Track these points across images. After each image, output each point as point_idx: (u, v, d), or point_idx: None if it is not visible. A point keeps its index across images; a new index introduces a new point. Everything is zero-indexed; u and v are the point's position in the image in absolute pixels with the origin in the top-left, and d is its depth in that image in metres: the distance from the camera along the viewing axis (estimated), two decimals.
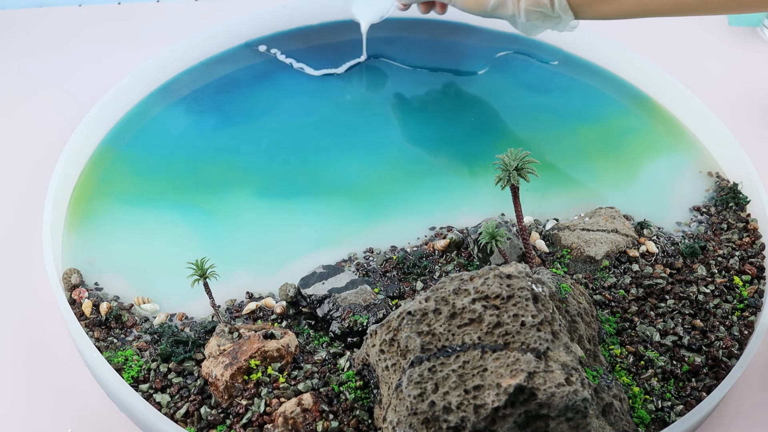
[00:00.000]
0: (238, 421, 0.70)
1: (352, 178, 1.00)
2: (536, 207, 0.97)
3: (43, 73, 1.17)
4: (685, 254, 0.90)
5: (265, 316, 0.83)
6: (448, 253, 0.90)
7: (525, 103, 1.13)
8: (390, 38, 1.23)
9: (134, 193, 0.96)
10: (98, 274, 0.87)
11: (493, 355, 0.61)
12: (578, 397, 0.59)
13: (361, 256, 0.90)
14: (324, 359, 0.76)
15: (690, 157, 1.06)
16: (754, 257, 0.90)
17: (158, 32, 1.26)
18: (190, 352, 0.75)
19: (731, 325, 0.83)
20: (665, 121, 1.12)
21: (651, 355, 0.78)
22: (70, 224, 0.92)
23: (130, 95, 1.09)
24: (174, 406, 0.72)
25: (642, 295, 0.85)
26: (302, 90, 1.13)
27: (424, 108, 1.12)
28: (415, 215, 0.96)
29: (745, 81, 1.21)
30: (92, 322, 0.80)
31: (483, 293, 0.65)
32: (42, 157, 1.01)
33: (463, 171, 1.02)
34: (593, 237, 0.89)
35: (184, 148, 1.03)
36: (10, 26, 1.27)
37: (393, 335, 0.66)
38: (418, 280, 0.87)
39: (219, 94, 1.12)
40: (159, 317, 0.82)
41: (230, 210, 0.95)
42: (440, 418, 0.59)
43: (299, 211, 0.95)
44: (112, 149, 1.02)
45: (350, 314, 0.79)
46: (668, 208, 0.98)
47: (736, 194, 0.98)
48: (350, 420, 0.69)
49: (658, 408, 0.74)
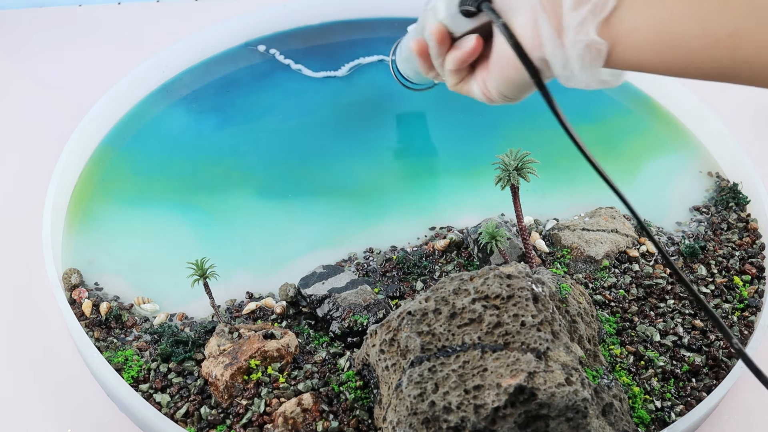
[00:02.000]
0: (238, 421, 0.70)
1: (352, 178, 1.00)
2: (536, 207, 0.97)
3: (43, 73, 1.17)
4: (685, 254, 0.90)
5: (265, 316, 0.83)
6: (448, 253, 0.90)
7: (525, 103, 1.13)
8: (390, 38, 1.22)
9: (134, 193, 0.96)
10: (98, 274, 0.87)
11: (493, 355, 0.61)
12: (578, 397, 0.58)
13: (361, 256, 0.90)
14: (324, 359, 0.76)
15: (690, 157, 1.06)
16: (754, 257, 0.90)
17: (158, 32, 1.26)
18: (190, 352, 0.75)
19: (731, 325, 0.83)
20: (665, 121, 1.12)
21: (651, 355, 0.78)
22: (70, 224, 0.92)
23: (130, 95, 1.09)
24: (174, 406, 0.72)
25: (642, 295, 0.85)
26: (302, 90, 1.13)
27: (424, 108, 1.12)
28: (415, 215, 0.96)
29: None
30: (92, 322, 0.80)
31: (483, 293, 0.65)
32: (42, 157, 1.01)
33: (463, 171, 1.02)
34: (593, 237, 0.89)
35: (184, 148, 1.03)
36: (10, 26, 1.27)
37: (393, 335, 0.66)
38: (418, 280, 0.87)
39: (219, 94, 1.12)
40: (159, 317, 0.82)
41: (230, 210, 0.95)
42: (440, 418, 0.59)
43: (299, 211, 0.95)
44: (112, 149, 1.02)
45: (350, 314, 0.79)
46: (668, 208, 0.98)
47: (736, 194, 0.98)
48: (350, 420, 0.69)
49: (658, 408, 0.74)
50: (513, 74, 0.55)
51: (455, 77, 0.61)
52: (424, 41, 0.61)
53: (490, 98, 0.61)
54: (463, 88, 0.63)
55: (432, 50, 0.60)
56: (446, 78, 0.63)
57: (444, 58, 0.60)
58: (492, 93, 0.59)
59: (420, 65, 0.64)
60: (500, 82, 0.58)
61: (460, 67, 0.60)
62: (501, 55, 0.55)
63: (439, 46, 0.59)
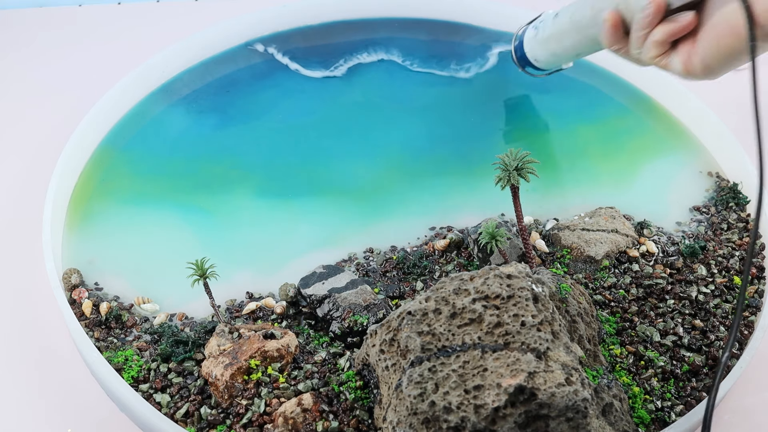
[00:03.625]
0: (238, 421, 0.70)
1: (352, 178, 1.00)
2: (536, 207, 0.97)
3: (43, 73, 1.17)
4: (685, 254, 0.90)
5: (265, 316, 0.83)
6: (448, 253, 0.90)
7: (525, 103, 1.13)
8: (390, 38, 1.23)
9: (134, 193, 0.96)
10: (98, 274, 0.87)
11: (494, 355, 0.61)
12: (578, 397, 0.58)
13: (361, 256, 0.90)
14: (324, 359, 0.76)
15: (690, 157, 1.06)
16: (754, 257, 0.90)
17: (158, 32, 1.26)
18: (190, 352, 0.75)
19: (731, 325, 0.82)
20: (665, 121, 1.12)
21: (651, 355, 0.78)
22: (70, 224, 0.92)
23: (130, 95, 1.09)
24: (174, 406, 0.72)
25: (642, 295, 0.85)
26: (302, 90, 1.13)
27: (424, 108, 1.12)
28: (415, 215, 0.96)
29: (745, 81, 1.21)
30: (92, 322, 0.80)
31: (483, 293, 0.65)
32: (42, 157, 1.01)
33: (463, 171, 1.02)
34: (593, 237, 0.89)
35: (184, 148, 1.03)
36: (10, 26, 1.27)
37: (393, 335, 0.66)
38: (418, 280, 0.87)
39: (219, 94, 1.12)
40: (159, 317, 0.82)
41: (230, 210, 0.95)
42: (440, 418, 0.59)
43: (299, 211, 0.95)
44: (112, 149, 1.02)
45: (350, 314, 0.79)
46: (668, 208, 0.98)
47: (736, 194, 0.98)
48: (350, 420, 0.69)
49: (658, 408, 0.74)
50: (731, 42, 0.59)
51: (659, 49, 0.65)
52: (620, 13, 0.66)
53: (692, 71, 0.64)
54: (662, 61, 0.66)
55: (643, 20, 0.63)
56: (646, 50, 0.66)
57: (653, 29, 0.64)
58: (696, 65, 0.63)
59: (608, 37, 0.69)
60: (713, 52, 0.61)
61: (670, 39, 0.63)
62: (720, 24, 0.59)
63: (655, 16, 0.63)
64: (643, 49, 0.67)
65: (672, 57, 0.65)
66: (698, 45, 0.62)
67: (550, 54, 0.95)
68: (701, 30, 0.61)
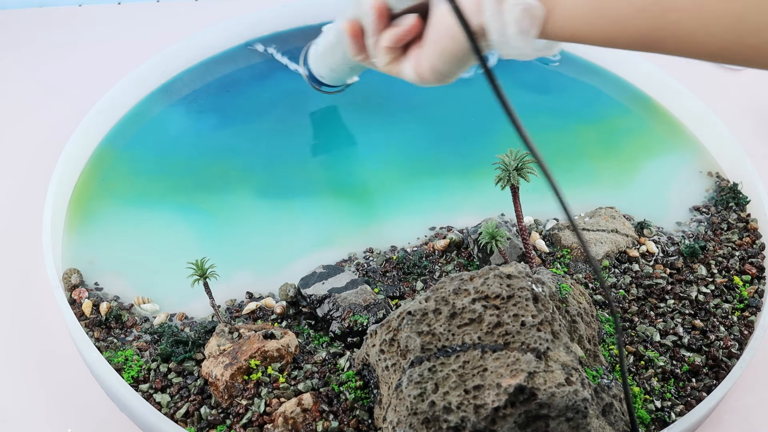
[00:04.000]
0: (238, 421, 0.70)
1: (352, 178, 1.00)
2: (536, 207, 0.97)
3: (43, 73, 1.17)
4: (685, 254, 0.90)
5: (265, 316, 0.83)
6: (448, 253, 0.90)
7: (525, 103, 1.13)
8: None
9: (134, 193, 0.96)
10: (98, 274, 0.87)
11: (493, 355, 0.61)
12: (578, 397, 0.58)
13: (361, 256, 0.90)
14: (324, 359, 0.76)
15: (690, 157, 1.06)
16: (754, 257, 0.90)
17: (158, 32, 1.26)
18: (190, 352, 0.75)
19: (731, 325, 0.83)
20: (665, 121, 1.12)
21: (651, 355, 0.78)
22: (70, 224, 0.92)
23: (130, 95, 1.09)
24: (174, 406, 0.72)
25: (642, 295, 0.85)
26: (302, 90, 1.13)
27: (424, 108, 1.12)
28: (415, 215, 0.95)
29: (745, 81, 1.21)
30: (92, 322, 0.80)
31: (483, 293, 0.65)
32: (42, 157, 1.01)
33: (463, 171, 1.02)
34: (593, 237, 0.89)
35: (184, 148, 1.03)
36: (10, 26, 1.26)
37: (393, 335, 0.66)
38: (418, 280, 0.87)
39: (219, 94, 1.12)
40: (159, 317, 0.82)
41: (230, 210, 0.95)
42: (440, 418, 0.59)
43: (299, 211, 0.95)
44: (112, 149, 1.02)
45: (350, 314, 0.79)
46: (668, 208, 0.98)
47: (736, 194, 0.98)
48: (350, 420, 0.69)
49: (658, 408, 0.74)
50: (449, 44, 0.57)
51: (389, 55, 0.62)
52: (358, 22, 0.63)
53: (423, 76, 0.62)
54: (395, 69, 0.64)
55: (370, 27, 0.61)
56: (378, 57, 0.64)
57: (380, 36, 0.61)
58: (425, 70, 0.61)
59: (351, 47, 0.66)
60: (436, 55, 0.59)
61: (397, 45, 0.61)
62: (438, 27, 0.57)
63: (379, 22, 0.60)
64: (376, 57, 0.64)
65: (403, 63, 0.63)
66: (425, 47, 0.60)
67: (329, 69, 0.89)
68: (427, 30, 0.59)
